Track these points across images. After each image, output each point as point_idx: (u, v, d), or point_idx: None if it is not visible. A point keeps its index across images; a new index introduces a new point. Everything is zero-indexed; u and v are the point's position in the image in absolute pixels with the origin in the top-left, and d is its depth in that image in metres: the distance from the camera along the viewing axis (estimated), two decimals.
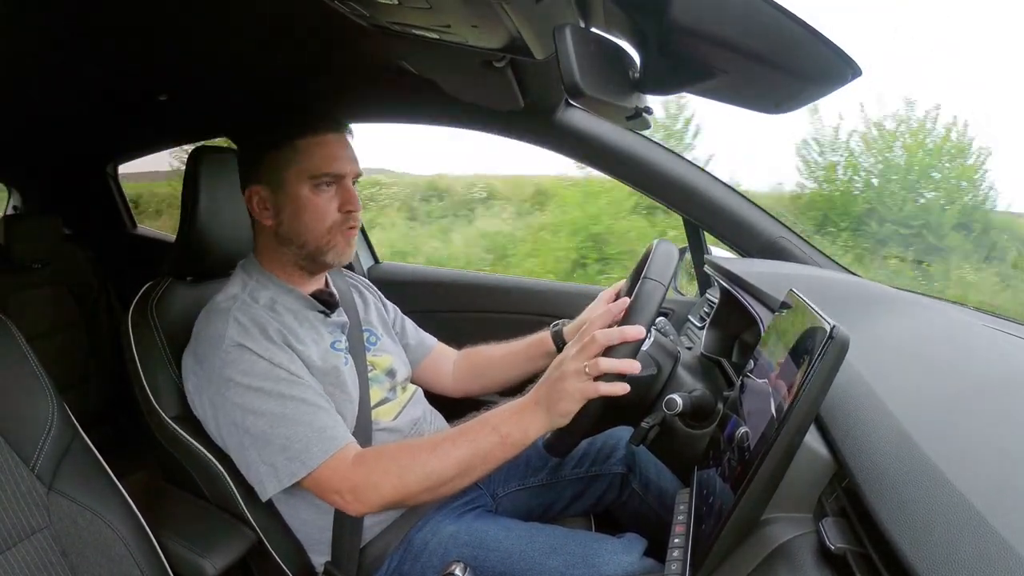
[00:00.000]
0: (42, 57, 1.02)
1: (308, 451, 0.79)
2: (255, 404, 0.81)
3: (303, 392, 0.83)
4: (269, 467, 0.80)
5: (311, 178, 0.89)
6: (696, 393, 0.84)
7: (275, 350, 0.84)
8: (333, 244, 0.92)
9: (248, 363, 0.82)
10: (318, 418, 0.82)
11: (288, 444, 0.80)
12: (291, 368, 0.83)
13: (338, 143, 0.91)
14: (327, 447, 0.80)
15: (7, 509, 0.71)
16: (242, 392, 0.81)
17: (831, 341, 0.49)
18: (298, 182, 0.89)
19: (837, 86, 0.54)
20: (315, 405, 0.83)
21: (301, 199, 0.89)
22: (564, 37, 0.55)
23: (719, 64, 0.55)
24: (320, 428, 0.81)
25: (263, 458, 0.81)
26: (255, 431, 0.81)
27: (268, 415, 0.81)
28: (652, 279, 0.83)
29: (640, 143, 1.29)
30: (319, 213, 0.90)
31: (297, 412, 0.81)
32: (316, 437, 0.80)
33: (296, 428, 0.80)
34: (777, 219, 1.31)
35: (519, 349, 1.16)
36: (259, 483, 0.82)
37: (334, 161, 0.89)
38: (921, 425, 0.55)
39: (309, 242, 0.91)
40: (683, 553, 0.62)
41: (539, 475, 1.08)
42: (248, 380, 0.82)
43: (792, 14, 0.48)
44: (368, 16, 0.77)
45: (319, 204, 0.90)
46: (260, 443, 0.81)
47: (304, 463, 0.79)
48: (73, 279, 1.91)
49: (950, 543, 0.40)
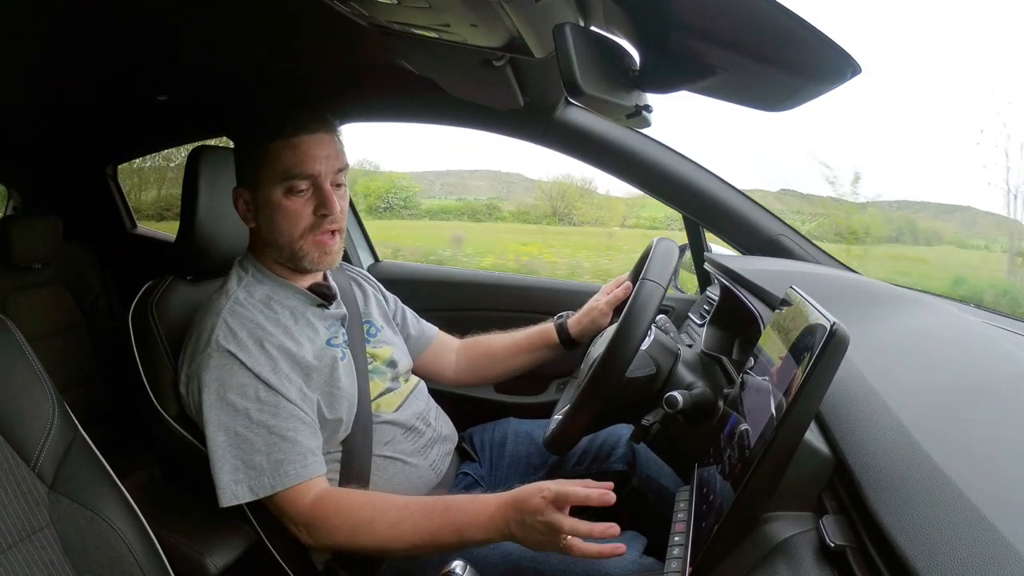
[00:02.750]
0: (42, 57, 1.02)
1: (259, 480, 0.80)
2: (222, 418, 0.82)
3: (272, 418, 0.82)
4: (225, 479, 0.81)
5: (283, 181, 0.87)
6: (696, 391, 0.85)
7: (262, 359, 0.84)
8: (306, 251, 0.90)
9: (228, 372, 0.82)
10: (279, 449, 0.81)
11: (240, 467, 0.81)
12: (272, 381, 0.83)
13: (311, 142, 0.87)
14: (278, 481, 0.80)
15: (8, 508, 0.71)
16: (213, 401, 0.82)
17: (831, 338, 0.49)
18: (271, 185, 0.88)
19: (837, 84, 0.54)
20: (279, 435, 0.82)
21: (273, 202, 0.88)
22: (564, 36, 0.55)
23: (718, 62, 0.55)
24: (277, 462, 0.81)
25: (219, 470, 0.81)
26: (213, 443, 0.82)
27: (231, 433, 0.81)
28: (651, 280, 0.83)
29: (640, 141, 1.29)
30: (292, 217, 0.88)
31: (259, 439, 0.81)
32: (271, 469, 0.80)
33: (253, 456, 0.81)
34: (777, 217, 1.31)
35: (522, 340, 1.16)
36: (217, 488, 0.82)
37: (304, 161, 0.87)
38: (921, 422, 0.55)
39: (284, 246, 0.90)
40: (683, 551, 0.62)
41: (539, 472, 1.08)
42: (223, 392, 0.82)
43: (791, 12, 0.48)
44: (368, 16, 0.77)
45: (292, 208, 0.88)
46: (218, 455, 0.81)
47: (251, 490, 0.80)
48: (73, 279, 1.91)
49: (950, 541, 0.40)
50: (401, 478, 0.94)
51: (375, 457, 0.93)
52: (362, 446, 0.91)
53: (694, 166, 1.30)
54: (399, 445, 0.95)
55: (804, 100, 0.59)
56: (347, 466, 0.90)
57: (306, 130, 0.88)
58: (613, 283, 1.10)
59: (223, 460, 0.81)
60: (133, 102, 1.41)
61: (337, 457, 0.90)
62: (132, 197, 2.44)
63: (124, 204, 2.18)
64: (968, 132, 2.64)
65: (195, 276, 1.04)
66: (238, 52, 1.09)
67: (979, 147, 2.58)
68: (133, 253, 2.12)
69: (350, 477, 0.90)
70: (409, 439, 0.97)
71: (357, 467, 0.90)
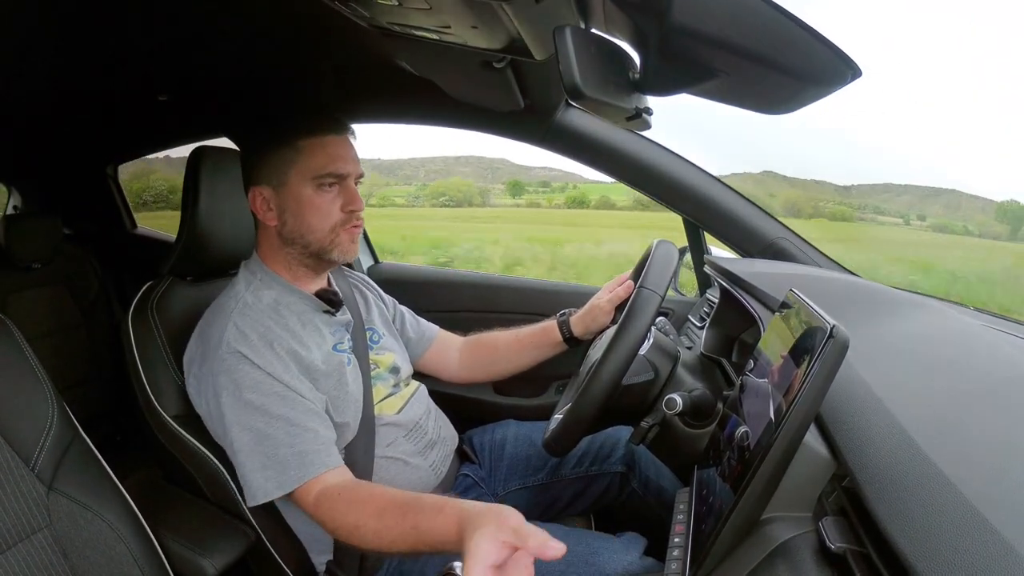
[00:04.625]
0: (42, 57, 1.02)
1: (285, 474, 0.80)
2: (242, 418, 0.82)
3: (291, 411, 0.82)
4: (253, 480, 0.81)
5: (314, 179, 0.89)
6: (696, 393, 0.85)
7: (272, 359, 0.84)
8: (337, 243, 0.92)
9: (242, 373, 0.82)
10: (301, 440, 0.81)
11: (268, 463, 0.81)
12: (285, 379, 0.83)
13: (340, 143, 0.91)
14: (304, 473, 0.80)
15: (7, 509, 0.71)
16: (232, 403, 0.82)
17: (831, 340, 0.49)
18: (301, 182, 0.89)
19: (837, 87, 0.54)
20: (300, 426, 0.82)
21: (304, 199, 0.89)
22: (564, 38, 0.55)
23: (719, 65, 0.56)
24: (301, 452, 0.81)
25: (247, 470, 0.82)
26: (239, 444, 0.82)
27: (254, 431, 0.81)
28: (647, 288, 0.83)
29: (640, 144, 1.29)
30: (322, 213, 0.90)
31: (280, 432, 0.81)
32: (296, 461, 0.80)
33: (278, 450, 0.81)
34: (777, 219, 1.31)
35: (524, 337, 1.16)
36: (247, 490, 0.82)
37: (337, 161, 0.89)
38: (921, 425, 0.55)
39: (313, 242, 0.91)
40: (683, 552, 0.62)
41: (539, 474, 1.08)
42: (239, 392, 0.82)
43: (792, 15, 0.48)
44: (368, 16, 0.77)
45: (322, 204, 0.90)
46: (244, 455, 0.82)
47: (280, 485, 0.80)
48: (73, 279, 1.91)
49: (950, 543, 0.40)
50: (401, 479, 0.94)
51: (377, 458, 0.93)
52: (365, 450, 0.92)
53: (694, 169, 1.30)
54: (400, 446, 0.96)
55: (805, 103, 0.59)
56: (350, 468, 0.90)
57: (335, 131, 0.91)
58: (615, 281, 1.11)
59: (251, 459, 0.81)
60: (133, 102, 1.41)
61: (340, 460, 0.90)
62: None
63: (124, 204, 2.18)
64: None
65: (195, 276, 1.04)
66: (239, 52, 1.09)
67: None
68: (133, 253, 2.12)
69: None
70: (410, 440, 0.97)
71: (359, 470, 0.90)
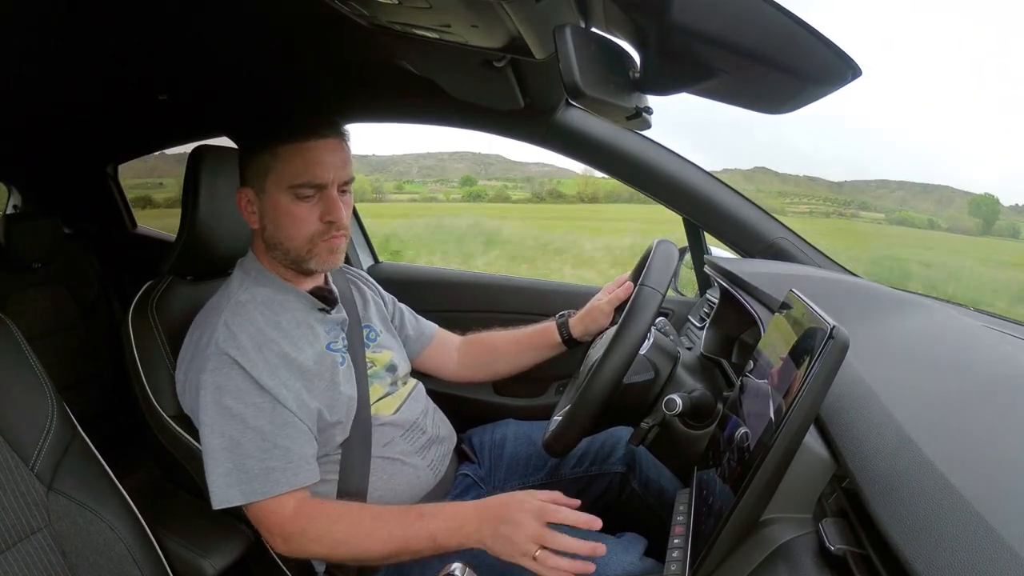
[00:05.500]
0: (42, 57, 1.02)
1: (249, 485, 0.80)
2: (218, 422, 0.81)
3: (268, 423, 0.81)
4: (217, 484, 0.80)
5: (291, 187, 0.86)
6: (696, 393, 0.84)
7: (260, 363, 0.83)
8: (315, 253, 0.89)
9: (226, 377, 0.82)
10: (271, 456, 0.81)
11: (233, 471, 0.80)
12: (269, 385, 0.82)
13: (321, 148, 0.86)
14: (268, 488, 0.79)
15: (6, 509, 0.71)
16: (211, 405, 0.82)
17: (831, 341, 0.49)
18: (277, 190, 0.86)
19: (837, 86, 0.54)
20: (272, 442, 0.81)
21: (281, 207, 0.87)
22: (564, 37, 0.55)
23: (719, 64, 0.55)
24: (268, 469, 0.80)
25: (212, 472, 0.81)
26: (209, 447, 0.81)
27: (227, 437, 0.81)
28: (648, 286, 0.83)
29: (640, 143, 1.29)
30: (299, 223, 0.87)
31: (253, 445, 0.80)
32: (262, 476, 0.80)
33: (246, 461, 0.80)
34: (777, 219, 1.31)
35: (524, 337, 1.16)
36: (211, 491, 0.81)
37: (314, 168, 0.85)
38: (921, 426, 0.55)
39: (292, 250, 0.89)
40: (683, 553, 0.62)
41: (539, 474, 1.08)
42: (220, 396, 0.81)
43: (792, 14, 0.48)
44: (368, 16, 0.77)
45: (299, 214, 0.87)
46: (212, 459, 0.81)
47: (243, 494, 0.80)
48: (73, 279, 1.91)
49: (950, 544, 0.40)
50: (400, 478, 0.94)
51: (374, 458, 0.93)
52: (361, 449, 0.91)
53: (694, 168, 1.30)
54: (398, 446, 0.95)
55: (805, 102, 0.59)
56: (346, 468, 0.90)
57: (316, 135, 0.85)
58: (615, 283, 1.10)
59: (217, 463, 0.81)
60: (133, 102, 1.41)
61: (336, 459, 0.90)
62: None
63: (124, 204, 2.18)
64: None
65: (195, 276, 1.04)
66: (239, 52, 1.09)
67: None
68: (133, 253, 2.12)
69: (349, 479, 0.90)
70: (408, 440, 0.97)
71: (356, 470, 0.90)
